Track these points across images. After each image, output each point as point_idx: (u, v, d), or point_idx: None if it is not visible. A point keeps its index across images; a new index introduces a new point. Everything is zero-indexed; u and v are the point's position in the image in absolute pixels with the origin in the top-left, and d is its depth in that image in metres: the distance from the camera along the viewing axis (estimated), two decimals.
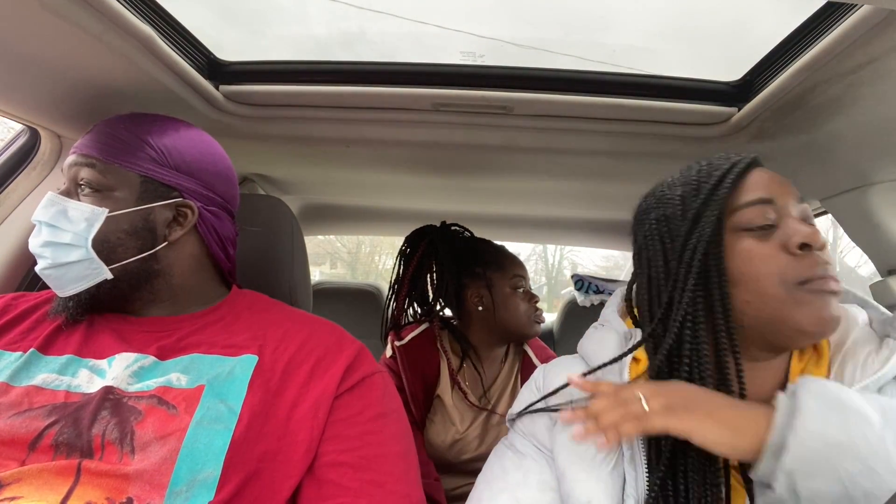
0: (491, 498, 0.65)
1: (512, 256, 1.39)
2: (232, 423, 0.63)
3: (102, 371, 0.68)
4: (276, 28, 1.16)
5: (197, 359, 0.69)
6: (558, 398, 0.67)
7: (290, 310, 0.82)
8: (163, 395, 0.65)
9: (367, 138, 1.20)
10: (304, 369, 0.70)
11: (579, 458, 0.61)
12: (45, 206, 0.71)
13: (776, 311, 0.57)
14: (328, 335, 0.76)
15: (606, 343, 0.67)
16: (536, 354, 1.38)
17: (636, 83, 1.02)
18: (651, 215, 0.66)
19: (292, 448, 0.66)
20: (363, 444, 0.68)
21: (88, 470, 0.59)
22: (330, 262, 12.35)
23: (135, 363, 0.68)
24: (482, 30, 1.05)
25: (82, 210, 0.70)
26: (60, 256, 0.70)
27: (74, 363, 0.68)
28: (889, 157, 1.00)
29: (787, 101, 0.89)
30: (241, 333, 0.74)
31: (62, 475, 0.59)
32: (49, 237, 0.70)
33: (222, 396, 0.65)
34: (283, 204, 1.02)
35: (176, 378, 0.67)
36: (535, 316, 1.33)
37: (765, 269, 0.57)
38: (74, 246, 0.70)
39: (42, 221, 0.71)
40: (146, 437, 0.61)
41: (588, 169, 1.34)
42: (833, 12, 0.77)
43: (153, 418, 0.63)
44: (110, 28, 0.75)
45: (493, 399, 1.33)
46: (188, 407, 0.64)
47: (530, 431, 0.68)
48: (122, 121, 0.76)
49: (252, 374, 0.68)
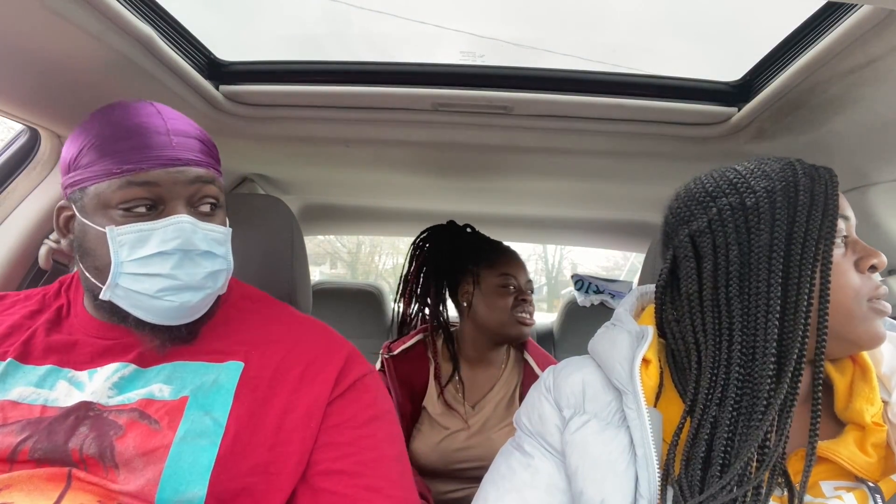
0: (498, 498, 0.65)
1: (507, 253, 1.35)
2: (218, 438, 0.61)
3: (81, 384, 0.65)
4: (276, 28, 1.16)
5: (180, 367, 0.66)
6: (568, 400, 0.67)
7: (278, 308, 0.79)
8: (144, 409, 0.62)
9: (367, 138, 1.19)
10: (294, 375, 0.68)
11: (592, 458, 0.61)
12: (205, 233, 0.65)
13: (843, 324, 0.60)
14: (317, 337, 0.73)
15: (618, 343, 0.67)
16: (538, 363, 1.34)
17: (636, 83, 1.02)
18: (722, 200, 0.63)
19: (283, 459, 0.63)
20: (357, 450, 0.66)
21: (78, 478, 0.58)
22: (330, 262, 12.34)
23: (115, 374, 0.65)
24: (482, 30, 1.05)
25: (224, 233, 0.69)
26: (219, 283, 0.67)
27: (53, 374, 0.65)
28: (889, 157, 1.00)
29: (787, 101, 0.89)
30: (226, 337, 0.70)
31: (53, 481, 0.58)
32: (213, 266, 0.66)
33: (207, 408, 0.63)
34: (283, 204, 1.02)
35: (158, 389, 0.64)
36: (520, 317, 1.28)
37: (844, 281, 0.60)
38: (226, 270, 0.68)
39: (196, 250, 0.65)
40: (127, 453, 0.59)
41: (588, 169, 1.34)
42: (833, 12, 0.77)
43: (134, 433, 0.60)
44: (110, 28, 0.75)
45: (486, 406, 1.30)
46: (171, 421, 0.61)
47: (539, 432, 0.68)
48: (189, 124, 0.70)
49: (238, 382, 0.65)
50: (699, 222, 0.64)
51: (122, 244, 0.62)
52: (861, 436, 0.58)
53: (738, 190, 0.63)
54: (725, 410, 0.57)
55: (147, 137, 0.65)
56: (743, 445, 0.55)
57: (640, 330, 0.67)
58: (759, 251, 0.60)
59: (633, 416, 0.60)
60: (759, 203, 0.61)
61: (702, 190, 0.66)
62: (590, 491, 0.59)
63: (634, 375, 0.62)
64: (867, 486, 0.55)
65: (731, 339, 0.59)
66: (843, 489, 0.56)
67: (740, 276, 0.60)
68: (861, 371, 0.63)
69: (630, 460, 0.60)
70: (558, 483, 0.64)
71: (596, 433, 0.62)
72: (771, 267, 0.59)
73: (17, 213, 1.07)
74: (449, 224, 1.46)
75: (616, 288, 2.09)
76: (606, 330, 0.71)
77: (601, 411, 0.64)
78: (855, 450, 0.57)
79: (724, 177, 0.65)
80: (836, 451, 0.57)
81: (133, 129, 0.65)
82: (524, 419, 0.71)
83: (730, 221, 0.62)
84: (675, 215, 0.68)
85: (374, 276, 12.38)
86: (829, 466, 0.58)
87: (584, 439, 0.62)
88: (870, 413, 0.59)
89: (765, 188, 0.62)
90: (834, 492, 0.56)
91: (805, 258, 0.58)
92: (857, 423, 0.59)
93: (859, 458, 0.56)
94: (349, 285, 2.32)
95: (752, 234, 0.61)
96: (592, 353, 0.71)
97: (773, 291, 0.58)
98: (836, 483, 0.57)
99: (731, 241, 0.61)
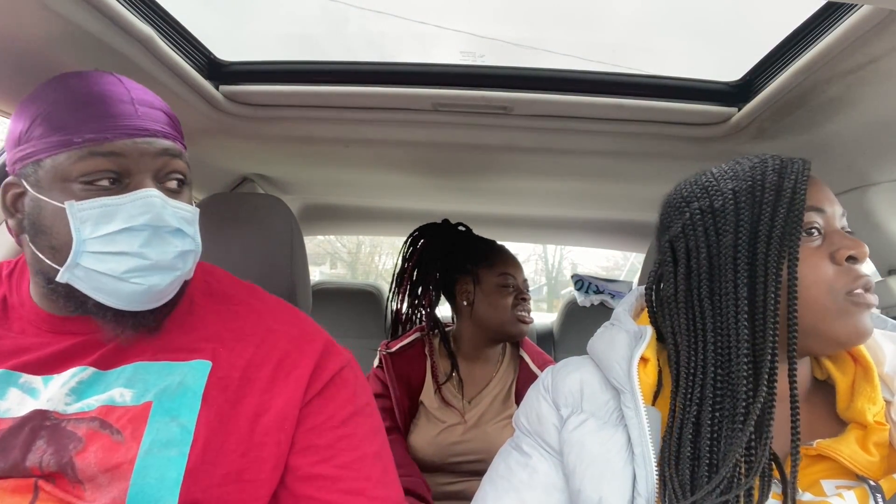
0: (496, 498, 0.65)
1: (505, 253, 1.38)
2: (186, 447, 0.56)
3: (35, 390, 0.59)
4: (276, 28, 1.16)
5: (142, 368, 0.61)
6: (566, 400, 0.67)
7: (248, 294, 0.72)
8: (105, 417, 0.57)
9: (367, 138, 1.20)
10: (265, 372, 0.63)
11: (590, 456, 0.61)
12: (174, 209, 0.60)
13: (817, 319, 0.58)
14: (288, 328, 0.68)
15: (616, 343, 0.67)
16: (533, 359, 1.37)
17: (636, 83, 1.02)
18: (694, 205, 0.64)
19: (258, 465, 0.60)
20: (337, 452, 0.63)
21: (46, 490, 0.54)
22: (330, 262, 12.35)
23: (72, 378, 0.59)
24: (482, 29, 1.05)
25: (192, 212, 0.63)
26: (188, 265, 0.62)
27: (3, 381, 0.59)
28: (889, 157, 1.00)
29: (787, 101, 0.89)
30: (193, 331, 0.65)
31: (19, 492, 0.54)
32: (184, 246, 0.60)
33: (173, 413, 0.58)
34: (283, 204, 1.02)
35: (119, 394, 0.58)
36: (520, 315, 1.30)
37: (814, 276, 0.58)
38: (195, 252, 0.62)
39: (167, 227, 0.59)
40: (89, 469, 0.54)
41: (588, 169, 1.34)
42: (833, 12, 0.77)
43: (95, 447, 0.55)
44: (110, 28, 0.75)
45: (482, 401, 1.32)
46: (135, 431, 0.56)
47: (537, 432, 0.68)
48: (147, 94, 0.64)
49: (206, 383, 0.60)
50: (675, 227, 0.65)
51: (84, 220, 0.56)
52: (863, 435, 0.58)
53: (708, 193, 0.64)
54: (705, 411, 0.58)
55: (110, 106, 0.59)
56: (729, 449, 0.55)
57: (638, 330, 0.68)
58: (726, 252, 0.60)
59: (630, 415, 0.60)
60: (726, 204, 0.62)
61: (679, 196, 0.67)
62: (587, 489, 0.59)
63: (632, 374, 0.62)
64: (868, 484, 0.55)
65: (706, 341, 0.60)
66: (844, 487, 0.56)
67: (710, 279, 0.61)
68: (863, 370, 0.63)
69: (627, 459, 0.60)
70: (556, 483, 0.64)
71: (593, 432, 0.62)
72: (737, 267, 0.59)
73: None
74: (443, 223, 1.47)
75: (616, 288, 2.10)
76: (605, 330, 0.71)
77: (599, 410, 0.64)
78: (857, 448, 0.57)
79: (699, 181, 0.67)
80: (837, 449, 0.57)
81: (94, 96, 0.59)
82: (522, 419, 0.71)
83: (700, 225, 0.63)
84: (660, 221, 0.70)
85: (374, 276, 12.37)
86: (830, 465, 0.58)
87: (582, 438, 0.62)
88: (871, 412, 0.58)
89: (731, 189, 0.62)
90: (835, 490, 0.56)
91: (770, 255, 0.58)
92: (858, 422, 0.59)
93: (861, 456, 0.56)
94: (349, 285, 2.32)
95: (719, 235, 0.61)
96: (591, 353, 0.71)
97: (740, 292, 0.58)
98: (838, 482, 0.57)
99: (701, 244, 0.62)
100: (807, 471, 0.58)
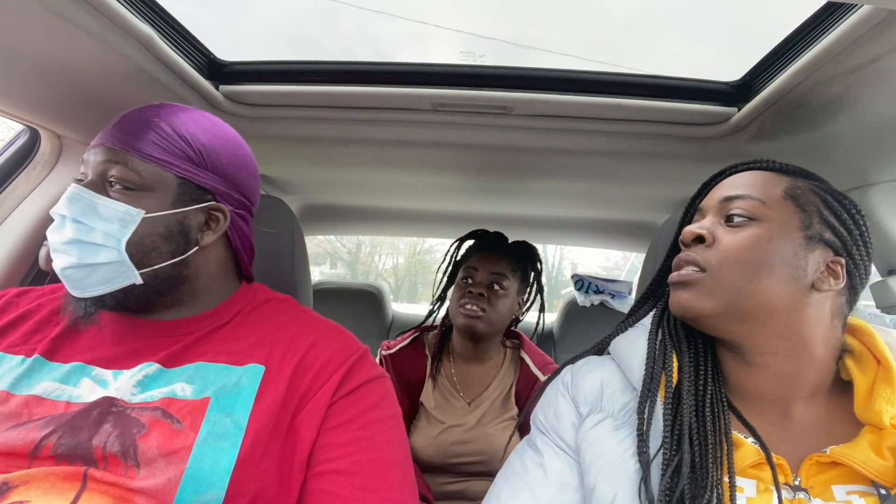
0: (510, 495, 0.65)
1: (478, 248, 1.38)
2: (238, 440, 0.61)
3: (105, 382, 0.65)
4: (276, 28, 1.16)
5: (202, 367, 0.67)
6: (586, 398, 0.67)
7: (298, 311, 0.79)
8: (167, 408, 0.62)
9: (367, 138, 1.20)
10: (308, 378, 0.68)
11: (605, 456, 0.61)
12: (72, 200, 0.65)
13: None
14: (333, 341, 0.73)
15: (637, 344, 0.68)
16: (534, 361, 1.38)
17: (636, 83, 1.02)
18: None
19: (293, 460, 0.64)
20: (354, 451, 0.66)
21: (94, 478, 0.58)
22: (330, 262, 12.34)
23: (139, 372, 0.65)
24: (482, 29, 1.06)
25: (116, 209, 0.66)
26: (88, 256, 0.65)
27: (78, 372, 0.66)
28: (889, 157, 1.00)
29: (787, 101, 0.89)
30: (247, 338, 0.71)
31: (69, 480, 0.58)
32: (76, 234, 0.65)
33: (228, 410, 0.63)
34: (284, 204, 1.02)
35: (181, 388, 0.64)
36: (462, 306, 1.30)
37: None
38: (105, 247, 0.65)
39: (68, 216, 0.65)
40: (150, 452, 0.59)
41: (588, 169, 1.34)
42: (833, 12, 0.77)
43: (157, 433, 0.60)
44: (110, 28, 0.75)
45: (483, 403, 1.33)
46: (193, 422, 0.61)
47: (554, 428, 0.68)
48: (155, 113, 0.71)
49: (259, 385, 0.66)
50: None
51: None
52: (877, 438, 0.57)
53: None
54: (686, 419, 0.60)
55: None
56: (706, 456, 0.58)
57: None
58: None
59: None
60: None
61: None
62: (602, 487, 0.60)
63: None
64: (879, 493, 0.54)
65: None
66: (856, 493, 0.55)
67: None
68: (885, 372, 0.61)
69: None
70: (570, 481, 0.64)
71: (610, 431, 0.63)
72: None
73: (17, 214, 1.07)
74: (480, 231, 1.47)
75: (616, 288, 2.10)
76: (631, 330, 0.72)
77: (617, 411, 0.64)
78: (870, 454, 0.56)
79: None
80: (850, 455, 0.56)
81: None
82: (539, 415, 0.71)
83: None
84: None
85: (374, 276, 12.38)
86: (842, 470, 0.57)
87: (599, 437, 0.63)
88: (889, 414, 0.57)
89: None
90: (846, 496, 0.56)
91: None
92: (875, 424, 0.58)
93: (875, 461, 0.55)
94: (349, 285, 2.32)
95: None
96: (613, 353, 0.72)
97: None
98: (849, 487, 0.56)
99: None
100: (820, 477, 0.57)
